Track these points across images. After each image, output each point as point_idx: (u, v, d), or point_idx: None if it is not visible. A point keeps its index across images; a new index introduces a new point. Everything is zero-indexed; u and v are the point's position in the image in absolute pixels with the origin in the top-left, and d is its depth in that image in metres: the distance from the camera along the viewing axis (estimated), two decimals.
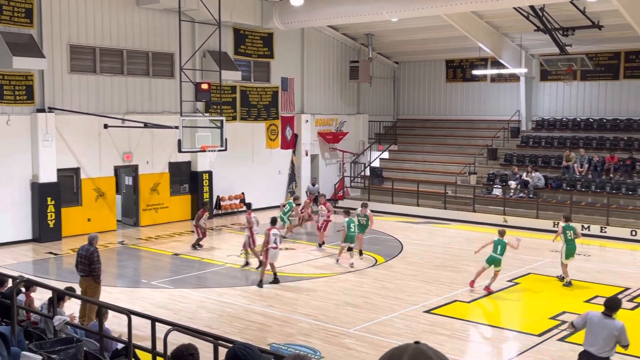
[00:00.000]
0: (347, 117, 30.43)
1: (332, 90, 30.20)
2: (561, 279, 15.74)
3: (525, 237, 21.31)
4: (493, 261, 14.68)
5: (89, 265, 11.87)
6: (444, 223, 24.31)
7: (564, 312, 13.21)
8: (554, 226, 22.58)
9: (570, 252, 15.52)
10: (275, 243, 15.04)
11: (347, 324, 12.44)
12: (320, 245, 19.45)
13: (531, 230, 22.29)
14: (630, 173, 24.20)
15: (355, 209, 19.03)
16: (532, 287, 15.66)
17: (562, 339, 11.70)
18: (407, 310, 13.30)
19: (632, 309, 13.67)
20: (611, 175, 24.44)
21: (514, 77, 29.22)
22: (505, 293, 15.03)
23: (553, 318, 12.92)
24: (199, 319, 12.68)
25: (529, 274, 16.71)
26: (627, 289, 15.16)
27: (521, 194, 24.87)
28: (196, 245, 19.07)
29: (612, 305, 8.46)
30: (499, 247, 14.66)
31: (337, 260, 17.49)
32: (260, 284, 14.99)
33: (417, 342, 2.17)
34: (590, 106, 28.10)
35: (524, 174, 25.15)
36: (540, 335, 11.94)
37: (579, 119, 28.07)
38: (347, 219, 17.45)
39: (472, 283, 14.89)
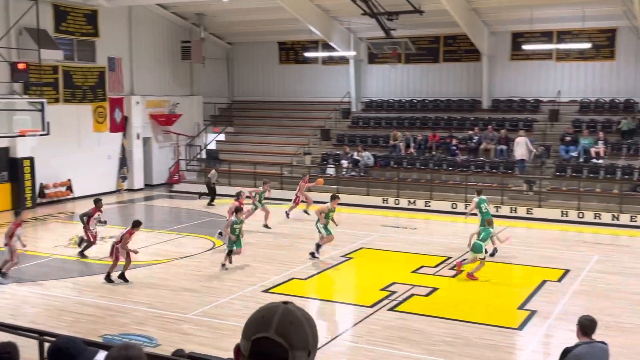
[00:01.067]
0: (180, 99, 29.69)
1: (163, 71, 29.32)
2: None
3: (357, 213, 22.18)
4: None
5: None
6: (281, 203, 24.60)
7: (393, 283, 13.91)
8: (383, 202, 23.74)
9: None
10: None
11: (184, 309, 12.22)
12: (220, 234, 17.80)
13: (362, 207, 23.18)
14: (451, 150, 25.94)
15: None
16: (363, 261, 16.34)
17: (391, 309, 12.33)
18: (245, 292, 13.32)
19: (454, 276, 14.69)
20: (433, 152, 26.06)
21: (344, 60, 30.10)
22: (339, 268, 15.55)
23: (383, 289, 13.56)
24: (23, 315, 11.84)
25: (361, 248, 17.40)
26: (449, 257, 16.26)
27: (353, 173, 25.80)
28: (84, 252, 16.11)
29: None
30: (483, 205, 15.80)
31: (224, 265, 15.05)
32: None
33: (285, 303, 2.14)
34: (414, 88, 29.69)
35: (355, 154, 26.10)
36: (372, 306, 12.48)
37: (404, 100, 29.57)
38: (234, 218, 15.26)
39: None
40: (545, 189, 22.80)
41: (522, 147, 23.88)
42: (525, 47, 25.85)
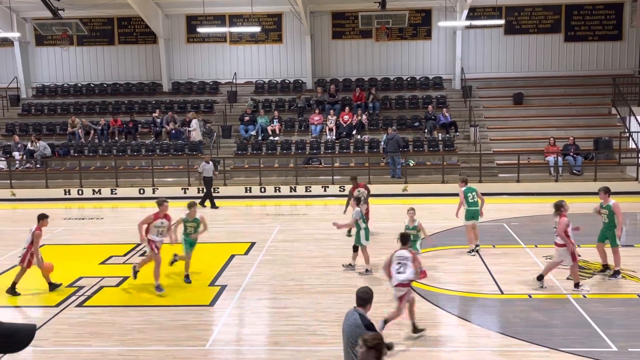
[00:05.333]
0: None
1: None
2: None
3: (36, 208, 20.53)
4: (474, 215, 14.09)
5: None
6: None
7: (80, 278, 13.20)
8: (65, 194, 22.38)
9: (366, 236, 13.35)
10: None
11: None
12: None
13: (42, 201, 21.58)
14: (134, 135, 25.41)
15: None
16: (47, 259, 15.16)
17: (80, 305, 11.69)
18: None
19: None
20: (116, 138, 25.27)
21: (8, 42, 27.48)
22: (16, 270, 14.20)
23: (70, 285, 12.79)
24: None
25: (43, 245, 16.12)
26: (139, 244, 15.89)
27: (28, 165, 23.82)
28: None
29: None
30: (470, 194, 14.16)
31: None
32: None
33: None
34: (90, 71, 28.38)
35: (29, 144, 24.09)
36: (57, 305, 11.68)
37: (80, 85, 28.10)
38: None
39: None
40: (229, 168, 23.67)
41: (196, 128, 24.49)
42: (200, 30, 26.35)
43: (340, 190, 22.07)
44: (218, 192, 21.94)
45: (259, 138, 24.79)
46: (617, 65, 26.89)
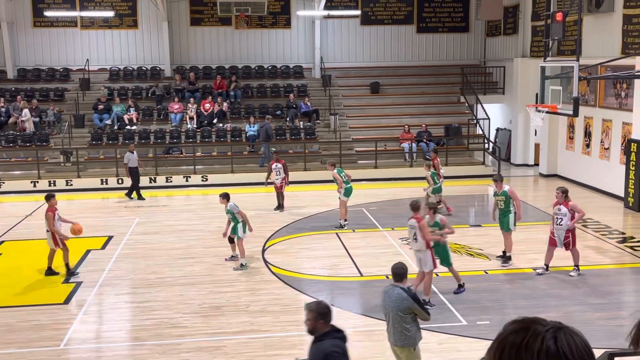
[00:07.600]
0: None
1: None
2: None
3: None
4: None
5: None
6: None
7: None
8: None
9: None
10: None
11: None
12: None
13: None
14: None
15: None
16: None
17: None
18: None
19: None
20: None
21: None
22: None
23: None
24: None
25: None
26: None
27: None
28: None
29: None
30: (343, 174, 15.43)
31: None
32: None
33: None
34: None
35: None
36: None
37: None
38: None
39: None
40: (83, 159, 22.59)
41: (29, 118, 23.26)
42: (48, 13, 24.82)
43: (202, 180, 21.74)
44: (71, 185, 20.89)
45: (115, 127, 23.82)
46: (465, 56, 28.45)
